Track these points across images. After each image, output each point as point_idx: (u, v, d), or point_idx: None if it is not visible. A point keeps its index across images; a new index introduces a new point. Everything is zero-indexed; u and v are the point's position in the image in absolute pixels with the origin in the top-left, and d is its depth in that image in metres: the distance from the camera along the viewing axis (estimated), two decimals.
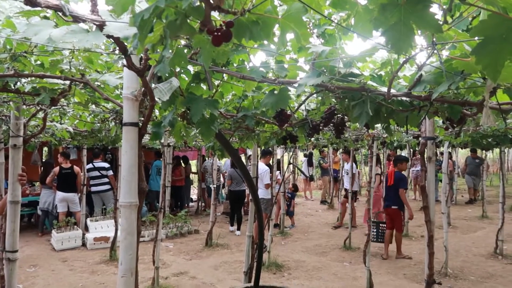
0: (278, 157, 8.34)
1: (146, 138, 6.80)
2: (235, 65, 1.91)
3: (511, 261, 6.68)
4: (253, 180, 4.65)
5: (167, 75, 1.87)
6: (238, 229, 8.99)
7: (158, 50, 1.14)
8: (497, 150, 10.02)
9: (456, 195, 12.91)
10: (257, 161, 5.29)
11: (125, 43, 1.23)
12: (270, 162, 7.82)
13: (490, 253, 7.05)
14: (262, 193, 7.63)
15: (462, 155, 22.55)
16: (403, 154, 15.97)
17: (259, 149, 12.81)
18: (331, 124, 3.09)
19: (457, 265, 6.40)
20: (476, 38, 0.89)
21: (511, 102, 1.54)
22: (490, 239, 7.78)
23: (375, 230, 6.80)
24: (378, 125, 4.34)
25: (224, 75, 2.03)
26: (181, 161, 11.45)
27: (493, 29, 0.78)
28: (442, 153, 10.23)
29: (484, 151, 10.41)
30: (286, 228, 9.14)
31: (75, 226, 7.82)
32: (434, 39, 1.11)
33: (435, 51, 1.19)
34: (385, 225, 6.79)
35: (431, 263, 3.22)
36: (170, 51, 1.09)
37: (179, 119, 2.13)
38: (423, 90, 1.57)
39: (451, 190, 11.27)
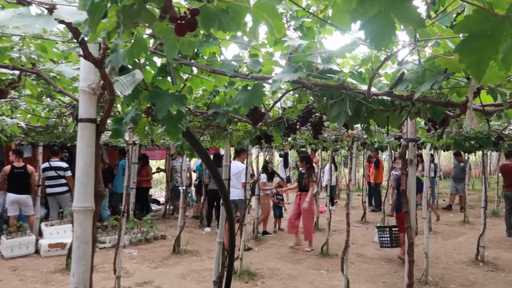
0: (253, 157, 8.36)
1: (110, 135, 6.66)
2: (205, 57, 1.87)
3: (492, 268, 6.90)
4: (225, 183, 4.62)
5: (130, 66, 1.82)
6: (208, 225, 9.22)
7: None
8: (479, 153, 10.36)
9: (437, 199, 13.27)
10: (230, 161, 5.26)
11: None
12: (245, 162, 7.85)
13: (471, 260, 7.27)
14: (239, 193, 7.68)
15: (444, 157, 23.21)
16: (384, 156, 16.34)
17: (232, 148, 12.75)
18: (309, 124, 3.10)
19: (437, 273, 6.56)
20: (460, 35, 0.89)
21: (495, 103, 1.56)
22: (472, 245, 8.03)
23: (388, 236, 6.94)
24: (358, 126, 4.39)
25: (193, 68, 1.99)
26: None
27: (478, 25, 0.78)
28: (420, 155, 10.48)
29: (467, 154, 10.72)
30: (272, 233, 9.22)
31: (28, 231, 7.57)
32: (417, 35, 1.11)
33: (418, 48, 1.19)
34: (397, 229, 6.98)
35: (411, 272, 3.27)
36: (130, 40, 1.05)
37: (143, 115, 2.08)
38: (405, 90, 1.58)
39: (432, 194, 11.55)
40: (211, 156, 8.95)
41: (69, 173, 8.51)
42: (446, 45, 1.27)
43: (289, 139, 8.08)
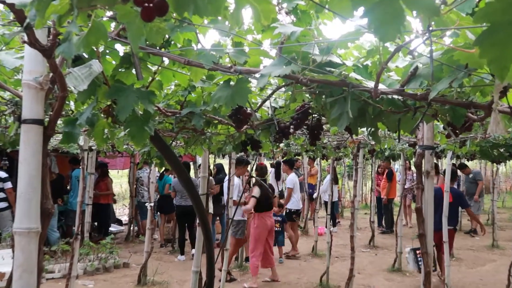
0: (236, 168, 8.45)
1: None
2: (178, 46, 1.89)
3: None
4: (202, 198, 4.63)
5: (86, 55, 1.83)
6: (182, 253, 9.23)
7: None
8: (511, 163, 10.52)
9: (461, 219, 13.43)
10: (227, 173, 5.29)
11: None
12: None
13: None
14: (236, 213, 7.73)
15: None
16: (396, 166, 16.49)
17: (212, 156, 12.75)
18: (305, 127, 3.12)
19: None
20: (482, 24, 0.92)
21: None
22: (501, 274, 8.13)
23: (413, 258, 7.03)
24: (364, 130, 4.41)
25: (164, 59, 2.00)
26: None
27: (502, 14, 0.80)
28: (435, 166, 10.61)
29: (495, 164, 10.86)
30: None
31: None
32: (431, 24, 1.14)
33: (431, 39, 1.22)
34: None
35: None
36: (87, 25, 1.06)
37: (101, 115, 2.08)
38: (419, 87, 1.61)
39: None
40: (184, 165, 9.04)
41: (9, 185, 8.42)
42: (466, 36, 1.30)
43: (281, 145, 8.15)
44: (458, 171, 11.95)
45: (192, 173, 10.83)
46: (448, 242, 7.01)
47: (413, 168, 11.65)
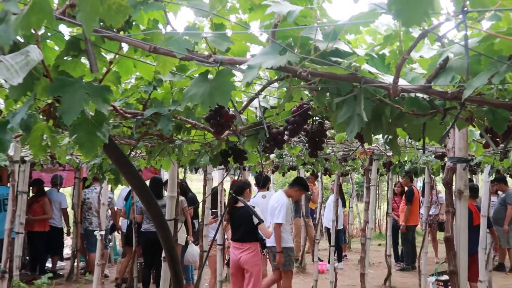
0: (215, 183, 8.37)
1: None
2: (142, 28, 1.89)
3: None
4: (169, 224, 4.61)
5: (22, 40, 1.82)
6: None
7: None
8: None
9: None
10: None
11: None
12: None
13: None
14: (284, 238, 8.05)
15: None
16: (419, 184, 16.55)
17: (182, 169, 12.61)
18: (303, 133, 3.14)
19: None
20: None
21: None
22: None
23: None
24: (379, 137, 4.44)
25: (123, 44, 2.00)
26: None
27: None
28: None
29: None
30: None
31: None
32: (467, 3, 1.16)
33: (470, 23, 1.24)
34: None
35: None
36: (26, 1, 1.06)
37: (40, 117, 2.07)
38: (450, 83, 1.63)
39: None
40: (147, 182, 8.90)
41: None
42: (510, 20, 1.32)
43: (272, 156, 8.15)
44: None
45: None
46: (475, 267, 7.15)
47: (440, 186, 11.72)
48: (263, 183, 9.60)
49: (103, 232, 7.89)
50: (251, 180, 17.90)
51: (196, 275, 9.20)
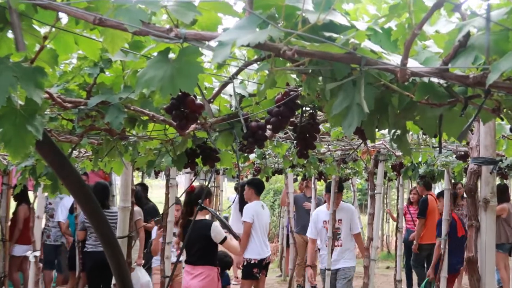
0: (180, 191, 8.32)
1: None
2: None
3: None
4: (120, 243, 4.58)
5: None
6: None
7: None
8: None
9: None
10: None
11: None
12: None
13: None
14: (349, 259, 8.28)
15: None
16: (436, 191, 16.58)
17: (139, 174, 12.59)
18: (290, 128, 3.14)
19: None
20: None
21: None
22: None
23: None
24: (386, 132, 4.43)
25: (61, 15, 1.99)
26: None
27: None
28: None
29: None
30: None
31: None
32: None
33: None
34: None
35: None
36: None
37: None
38: (472, 66, 1.64)
39: None
40: (92, 189, 8.80)
41: None
42: None
43: (252, 157, 8.13)
44: None
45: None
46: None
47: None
48: (260, 190, 9.69)
49: (37, 253, 7.84)
50: (228, 186, 17.92)
51: None
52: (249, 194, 9.59)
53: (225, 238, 7.20)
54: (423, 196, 12.24)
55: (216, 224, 7.33)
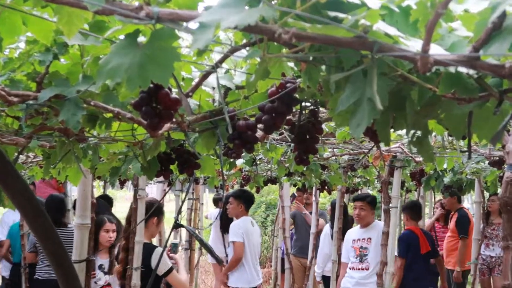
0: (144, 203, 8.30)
1: None
2: None
3: None
4: (77, 268, 4.58)
5: None
6: None
7: None
8: None
9: None
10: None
11: None
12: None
13: None
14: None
15: None
16: (465, 205, 16.60)
17: (100, 184, 12.56)
18: (286, 127, 3.14)
19: None
20: None
21: None
22: None
23: None
24: (403, 133, 4.41)
25: None
26: None
27: None
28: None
29: None
30: None
31: None
32: None
33: None
34: None
35: None
36: None
37: None
38: (509, 53, 1.65)
39: None
40: (44, 203, 8.76)
41: None
42: None
43: (240, 163, 8.10)
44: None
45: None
46: None
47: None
48: (250, 204, 9.68)
49: None
50: (210, 199, 17.94)
51: None
52: (237, 210, 9.58)
53: (171, 270, 6.84)
54: (457, 210, 12.08)
55: (159, 250, 6.99)
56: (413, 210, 9.42)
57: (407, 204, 10.11)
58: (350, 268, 8.92)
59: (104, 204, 10.25)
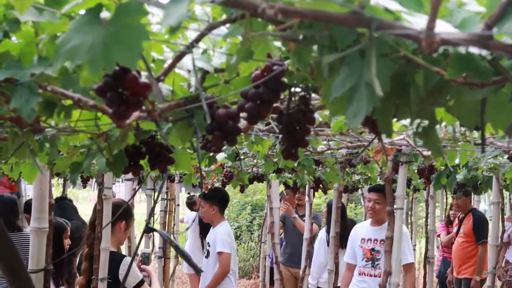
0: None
1: None
2: None
3: None
4: (34, 278, 4.59)
5: None
6: None
7: None
8: None
9: None
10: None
11: None
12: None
13: None
14: None
15: None
16: (481, 205, 16.58)
17: (59, 181, 12.61)
18: (273, 116, 3.15)
19: None
20: None
21: None
22: None
23: None
24: (407, 123, 4.38)
25: None
26: None
27: None
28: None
29: None
30: None
31: None
32: None
33: None
34: None
35: None
36: None
37: None
38: None
39: None
40: None
41: None
42: None
43: (221, 157, 8.09)
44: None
45: None
46: None
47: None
48: (225, 206, 9.67)
49: None
50: (185, 199, 17.99)
51: None
52: (210, 213, 9.50)
53: (141, 282, 6.83)
54: (474, 212, 11.97)
55: (127, 260, 7.00)
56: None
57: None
58: (360, 274, 8.91)
59: (71, 206, 10.27)
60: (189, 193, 15.82)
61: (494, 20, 1.67)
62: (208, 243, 9.90)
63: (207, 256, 9.74)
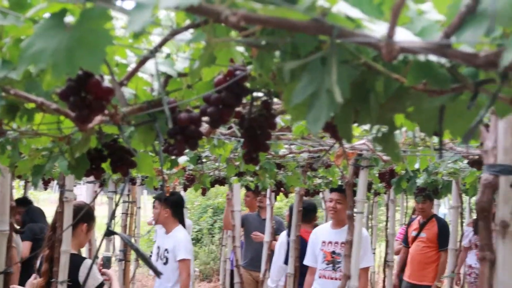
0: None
1: None
2: None
3: None
4: None
5: None
6: None
7: None
8: None
9: None
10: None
11: None
12: None
13: None
14: None
15: None
16: (441, 209, 16.65)
17: (21, 183, 12.60)
18: (235, 120, 3.16)
19: None
20: None
21: None
22: None
23: None
24: (368, 128, 4.39)
25: None
26: None
27: None
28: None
29: None
30: None
31: None
32: None
33: None
34: None
35: None
36: None
37: None
38: (484, 40, 1.68)
39: None
40: None
41: None
42: None
43: (182, 160, 8.06)
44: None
45: None
46: None
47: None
48: (180, 210, 9.62)
49: None
50: (149, 202, 17.93)
51: None
52: (162, 216, 9.28)
53: (101, 285, 6.74)
54: (436, 218, 11.93)
55: (87, 263, 6.88)
56: (309, 212, 9.59)
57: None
58: (320, 277, 8.91)
59: (38, 210, 10.22)
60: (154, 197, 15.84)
61: (453, 29, 1.68)
62: (166, 249, 9.58)
63: (165, 263, 9.53)
